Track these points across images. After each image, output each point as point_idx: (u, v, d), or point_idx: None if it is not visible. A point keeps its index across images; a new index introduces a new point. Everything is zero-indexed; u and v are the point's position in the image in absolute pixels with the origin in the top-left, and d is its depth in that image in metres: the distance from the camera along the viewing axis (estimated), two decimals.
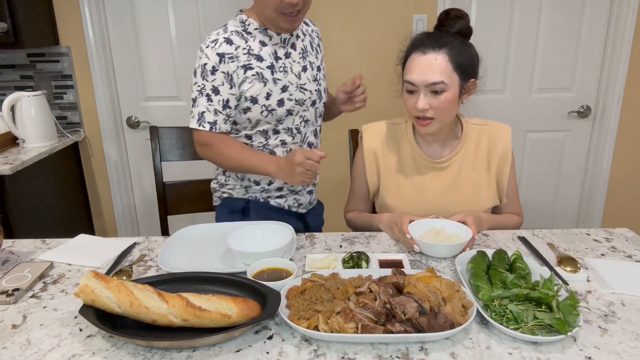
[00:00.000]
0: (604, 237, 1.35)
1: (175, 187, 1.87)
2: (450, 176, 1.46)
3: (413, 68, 1.33)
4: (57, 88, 2.57)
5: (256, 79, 1.41)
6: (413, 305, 0.92)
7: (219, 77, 1.39)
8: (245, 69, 1.40)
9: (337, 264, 1.18)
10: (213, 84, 1.40)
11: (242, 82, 1.41)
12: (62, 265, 1.25)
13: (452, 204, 1.44)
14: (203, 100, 1.43)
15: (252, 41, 1.42)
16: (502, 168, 1.46)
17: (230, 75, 1.39)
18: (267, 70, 1.43)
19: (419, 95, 1.33)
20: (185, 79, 2.58)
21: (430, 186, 1.46)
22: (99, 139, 2.64)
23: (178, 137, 1.85)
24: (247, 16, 1.44)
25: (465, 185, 1.45)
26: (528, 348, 0.89)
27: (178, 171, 2.58)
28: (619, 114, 2.58)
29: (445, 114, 1.35)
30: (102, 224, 2.80)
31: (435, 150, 1.47)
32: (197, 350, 0.90)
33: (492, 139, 1.46)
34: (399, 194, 1.47)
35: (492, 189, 1.47)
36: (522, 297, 0.95)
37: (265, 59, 1.43)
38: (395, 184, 1.48)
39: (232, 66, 1.39)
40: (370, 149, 1.51)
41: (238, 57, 1.40)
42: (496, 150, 1.45)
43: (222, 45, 1.39)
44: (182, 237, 1.35)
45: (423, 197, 1.46)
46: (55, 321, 1.01)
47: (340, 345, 0.91)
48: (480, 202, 1.45)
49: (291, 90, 1.46)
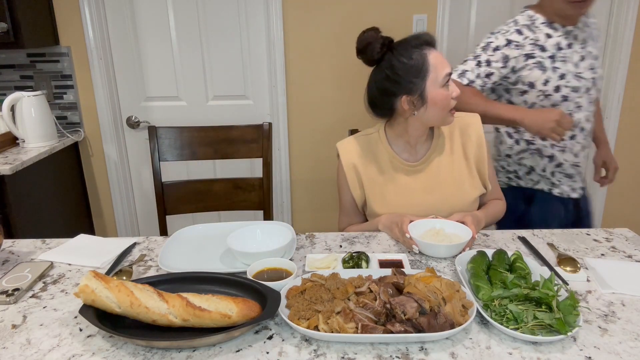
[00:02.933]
0: (604, 237, 1.35)
1: (174, 187, 1.87)
2: (431, 175, 1.47)
3: (441, 60, 1.35)
4: (57, 88, 2.57)
5: (536, 67, 1.60)
6: (413, 305, 0.92)
7: (498, 55, 1.61)
8: (527, 57, 1.60)
9: (337, 264, 1.18)
10: (489, 57, 1.61)
11: (522, 69, 1.61)
12: (62, 265, 1.25)
13: (438, 201, 1.45)
14: (472, 64, 1.64)
15: (539, 33, 1.61)
16: (480, 156, 1.49)
17: (509, 59, 1.60)
18: (547, 60, 1.60)
19: (449, 85, 1.36)
20: (185, 79, 2.59)
21: (413, 188, 1.47)
22: (99, 139, 2.64)
23: (177, 137, 1.85)
24: (533, 12, 1.65)
25: (447, 180, 1.47)
26: (528, 348, 0.89)
27: (178, 171, 2.60)
28: (618, 114, 2.58)
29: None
30: (102, 224, 2.80)
31: (411, 153, 1.49)
32: (197, 350, 0.90)
33: (463, 130, 1.49)
34: (385, 201, 1.47)
35: (474, 179, 1.48)
36: (522, 297, 0.95)
37: (548, 50, 1.60)
38: (380, 192, 1.48)
39: (515, 52, 1.60)
40: (349, 164, 1.50)
41: (524, 46, 1.60)
42: (470, 140, 1.48)
43: (512, 33, 1.61)
44: (182, 237, 1.35)
45: (409, 200, 1.46)
46: (55, 321, 1.01)
47: (340, 345, 0.91)
48: (466, 194, 1.47)
49: (568, 77, 1.61)
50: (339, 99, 2.55)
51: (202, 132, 1.88)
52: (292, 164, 2.67)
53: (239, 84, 2.59)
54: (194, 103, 2.63)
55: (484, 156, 1.48)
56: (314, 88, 2.55)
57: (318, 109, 2.58)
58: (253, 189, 1.90)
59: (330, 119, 2.58)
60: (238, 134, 1.89)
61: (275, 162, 2.65)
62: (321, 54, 2.49)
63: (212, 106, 2.63)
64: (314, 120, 2.59)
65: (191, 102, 2.63)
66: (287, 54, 2.50)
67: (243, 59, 2.55)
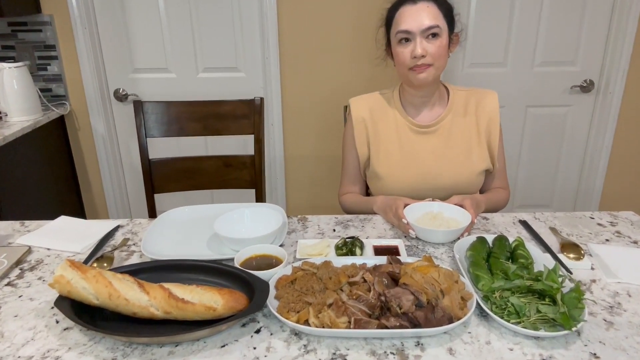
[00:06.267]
0: (608, 221, 1.30)
1: (162, 164, 1.79)
2: (440, 140, 1.44)
3: (406, 17, 1.32)
4: (40, 59, 2.46)
5: None
6: (409, 298, 0.87)
7: None
8: None
9: (330, 251, 1.12)
10: None
11: None
12: (40, 250, 1.18)
13: (444, 168, 1.43)
14: None
15: None
16: (492, 131, 1.45)
17: None
18: None
19: (415, 42, 1.31)
20: (174, 50, 2.48)
21: (420, 152, 1.45)
22: (85, 112, 2.55)
23: (164, 112, 1.77)
24: None
25: (456, 148, 1.44)
26: (530, 343, 0.84)
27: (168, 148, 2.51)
28: (622, 89, 2.50)
29: (441, 61, 1.35)
30: (91, 201, 2.73)
31: (423, 116, 1.47)
32: (180, 345, 0.85)
33: (479, 104, 1.46)
34: (389, 161, 1.45)
35: (483, 152, 1.45)
36: (525, 289, 0.90)
37: None
38: (385, 151, 1.46)
39: None
40: (358, 118, 1.49)
41: None
42: (484, 113, 1.45)
43: None
44: (167, 220, 1.29)
45: (413, 163, 1.44)
46: (31, 312, 0.95)
47: (332, 340, 0.86)
48: (473, 164, 1.44)
49: None
50: (335, 72, 2.45)
51: (191, 107, 1.79)
52: (285, 139, 2.59)
53: (230, 55, 2.49)
54: (184, 75, 2.53)
55: (495, 132, 1.45)
56: (309, 60, 2.44)
57: (313, 83, 2.48)
58: (244, 167, 1.83)
59: (326, 92, 2.49)
60: (228, 110, 1.80)
61: (269, 138, 2.57)
62: (316, 24, 2.38)
63: (202, 78, 2.53)
64: (309, 94, 2.50)
65: (181, 74, 2.53)
66: (280, 24, 2.38)
67: (234, 29, 2.44)
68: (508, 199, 1.52)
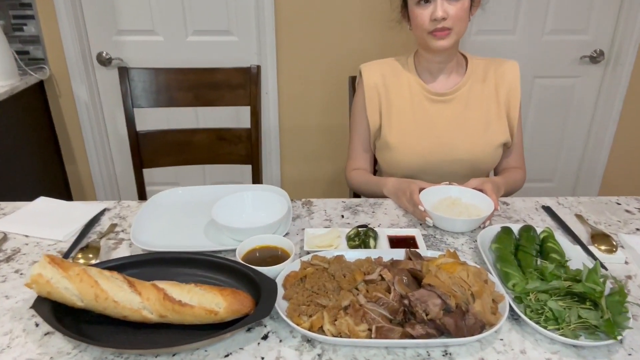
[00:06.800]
0: (636, 207, 1.21)
1: (150, 137, 1.66)
2: (457, 109, 1.36)
3: None
4: (15, 18, 2.26)
5: None
6: (436, 303, 0.77)
7: None
8: None
9: (341, 242, 1.02)
10: None
11: None
12: (17, 237, 1.06)
13: (460, 139, 1.34)
14: None
15: None
16: (511, 101, 1.37)
17: None
18: None
19: (435, 3, 1.21)
20: (161, 10, 2.29)
21: (436, 121, 1.35)
22: (66, 77, 2.37)
23: (152, 79, 1.62)
24: None
25: (473, 118, 1.35)
26: (569, 352, 0.76)
27: (157, 119, 2.35)
28: (633, 61, 2.39)
29: (462, 25, 1.26)
30: (76, 175, 2.58)
31: (439, 84, 1.38)
32: (178, 355, 0.75)
33: (499, 73, 1.38)
34: (402, 130, 1.36)
35: (502, 123, 1.37)
36: (564, 292, 0.81)
37: None
38: (397, 120, 1.37)
39: None
40: (370, 83, 1.39)
41: None
42: (504, 83, 1.37)
43: None
44: (159, 203, 1.17)
45: (429, 132, 1.35)
46: (7, 312, 0.84)
47: (349, 349, 0.76)
48: (491, 136, 1.35)
49: None
50: (340, 37, 2.28)
51: (181, 74, 1.64)
52: (280, 109, 2.45)
53: (222, 17, 2.31)
54: (172, 38, 2.35)
55: (515, 104, 1.37)
56: (306, 25, 2.28)
57: (311, 49, 2.32)
58: (240, 141, 1.70)
59: (324, 60, 2.33)
60: (222, 78, 1.66)
61: (263, 108, 2.42)
62: None
63: (192, 42, 2.36)
64: (307, 61, 2.34)
65: (169, 37, 2.35)
66: None
67: None
68: (524, 180, 1.43)
